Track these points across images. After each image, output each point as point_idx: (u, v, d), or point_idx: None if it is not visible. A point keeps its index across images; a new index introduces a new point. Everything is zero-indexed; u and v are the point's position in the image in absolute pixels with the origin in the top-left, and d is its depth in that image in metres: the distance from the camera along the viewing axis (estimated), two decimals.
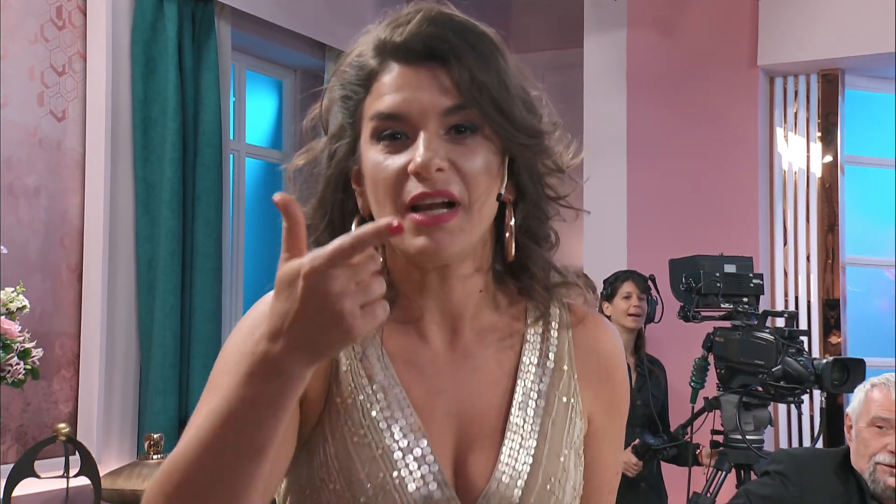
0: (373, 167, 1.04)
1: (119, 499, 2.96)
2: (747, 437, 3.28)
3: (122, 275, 3.52)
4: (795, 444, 4.42)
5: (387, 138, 1.03)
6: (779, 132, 4.65)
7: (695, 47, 4.66)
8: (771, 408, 3.44)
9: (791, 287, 4.56)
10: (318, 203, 1.10)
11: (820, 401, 3.29)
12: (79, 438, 3.17)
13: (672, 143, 4.66)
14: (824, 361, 3.08)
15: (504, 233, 1.09)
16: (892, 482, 2.50)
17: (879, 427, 2.55)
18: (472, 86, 1.02)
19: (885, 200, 4.62)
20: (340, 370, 1.06)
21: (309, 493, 1.06)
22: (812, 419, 4.39)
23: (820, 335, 4.50)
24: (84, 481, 2.88)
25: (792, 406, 3.46)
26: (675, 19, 4.70)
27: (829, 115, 4.55)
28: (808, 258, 4.56)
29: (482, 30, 1.06)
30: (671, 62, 4.69)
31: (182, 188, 3.62)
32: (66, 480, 2.83)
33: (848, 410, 2.67)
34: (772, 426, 3.46)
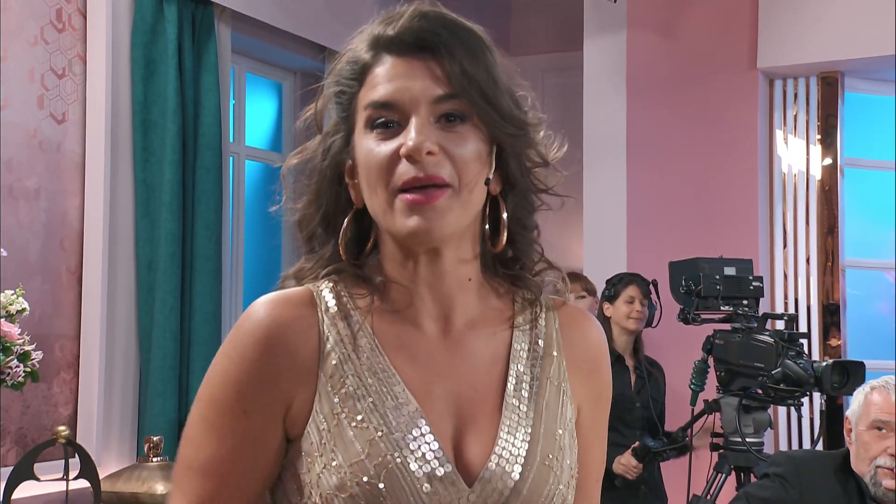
0: (365, 154, 1.08)
1: (119, 501, 2.95)
2: (747, 440, 3.28)
3: (122, 277, 3.51)
4: (795, 447, 4.42)
5: (379, 126, 1.07)
6: (778, 134, 4.64)
7: (695, 49, 4.66)
8: (771, 410, 3.44)
9: (791, 290, 4.56)
10: (314, 196, 1.14)
11: (820, 403, 3.29)
12: (78, 441, 3.17)
13: (672, 145, 4.66)
14: (824, 364, 3.08)
15: (493, 223, 1.12)
16: (893, 485, 2.50)
17: (879, 430, 2.55)
18: (462, 76, 1.06)
19: (885, 203, 4.62)
20: (330, 364, 1.08)
21: (307, 480, 1.07)
22: (812, 422, 4.39)
23: (820, 338, 4.50)
24: (84, 484, 2.87)
25: (792, 409, 3.46)
26: (675, 21, 4.70)
27: (829, 118, 4.55)
28: (808, 261, 4.55)
29: (471, 26, 1.11)
30: (671, 64, 4.69)
31: (182, 190, 3.61)
32: (66, 483, 2.83)
33: (847, 413, 2.67)
34: (771, 429, 3.46)
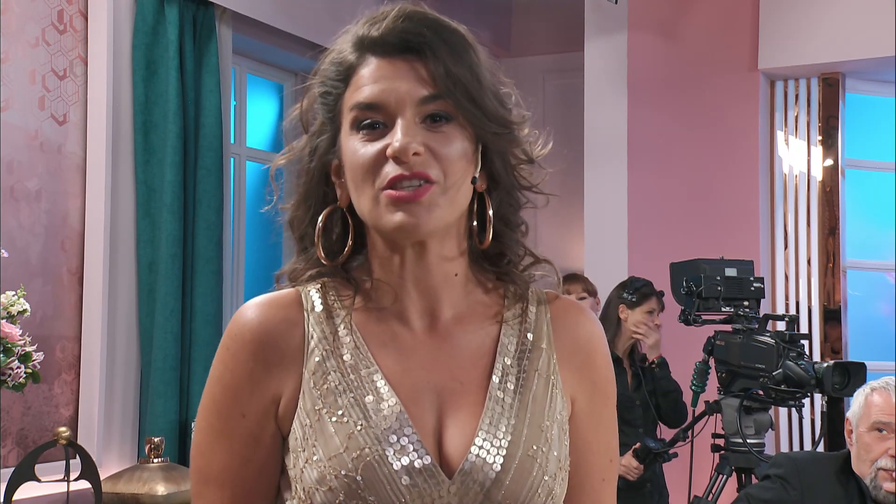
0: (352, 154, 1.10)
1: (119, 502, 2.95)
2: (748, 441, 3.28)
3: (123, 278, 3.51)
4: (796, 448, 4.42)
5: (366, 128, 1.09)
6: (779, 136, 4.65)
7: (695, 51, 4.66)
8: (772, 411, 3.44)
9: (792, 291, 4.56)
10: (302, 197, 1.16)
11: (821, 404, 3.29)
12: (79, 442, 3.17)
13: (673, 147, 4.66)
14: (825, 365, 3.08)
15: (478, 221, 1.14)
16: (893, 487, 2.50)
17: (880, 431, 2.55)
18: (447, 77, 1.07)
19: (886, 204, 4.62)
20: (313, 361, 1.11)
21: (293, 475, 1.10)
22: (813, 423, 4.39)
23: (820, 339, 4.50)
24: (85, 485, 2.88)
25: (793, 410, 3.46)
26: (676, 23, 4.70)
27: (830, 119, 4.55)
28: (809, 262, 4.55)
29: (455, 26, 1.12)
30: (672, 65, 4.69)
31: (183, 192, 3.61)
32: (67, 484, 2.83)
33: (848, 415, 2.67)
34: (772, 430, 3.46)
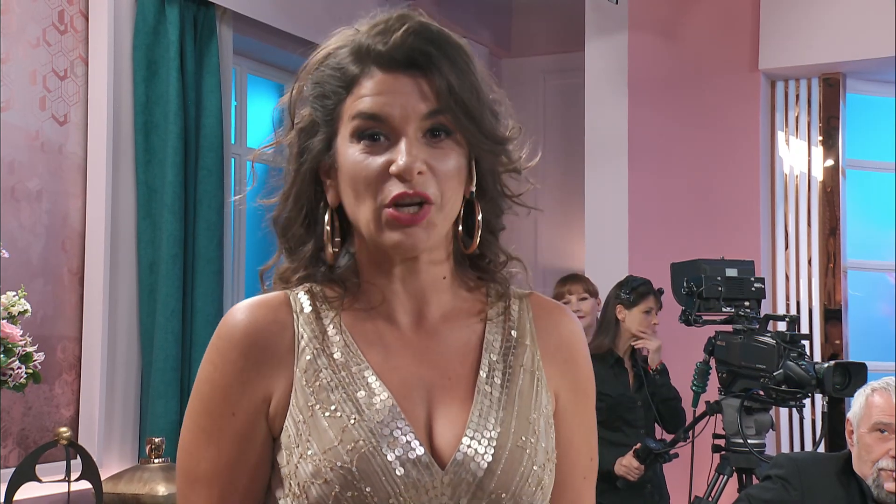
0: (352, 165, 1.12)
1: (120, 503, 2.95)
2: (749, 441, 3.28)
3: (124, 278, 3.51)
4: (797, 448, 4.42)
5: (367, 138, 1.12)
6: (780, 136, 4.64)
7: (696, 51, 4.66)
8: (772, 412, 3.44)
9: (792, 291, 4.56)
10: (295, 197, 1.18)
11: (821, 405, 3.29)
12: (80, 442, 3.17)
13: (673, 147, 4.66)
14: (825, 365, 3.08)
15: (464, 226, 1.18)
16: (894, 487, 2.50)
17: (881, 432, 2.55)
18: (450, 95, 1.11)
19: (887, 204, 4.62)
20: (304, 359, 1.14)
21: (287, 472, 1.12)
22: (813, 423, 4.39)
23: (821, 339, 4.50)
24: (85, 485, 2.88)
25: (793, 410, 3.46)
26: (677, 23, 4.70)
27: (831, 119, 4.55)
28: (810, 262, 4.55)
29: (457, 41, 1.15)
30: (673, 66, 4.69)
31: (184, 192, 3.61)
32: (68, 484, 2.83)
33: (849, 415, 2.66)
34: (773, 430, 3.46)
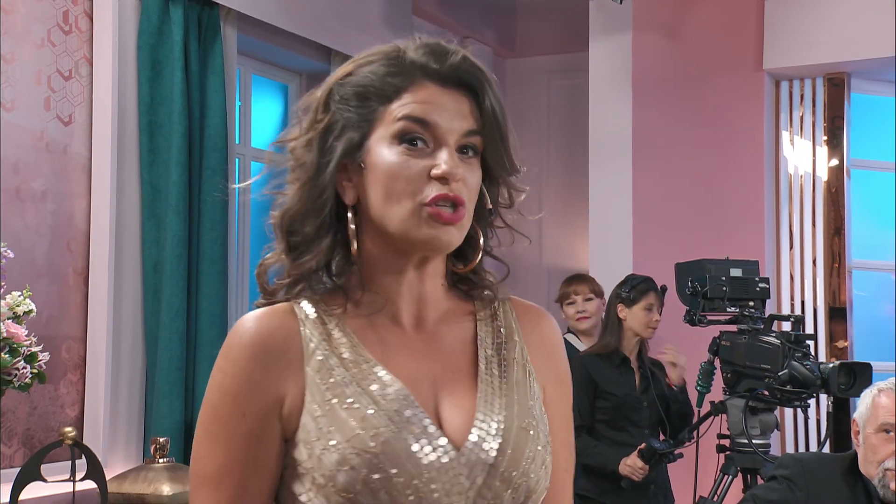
0: (392, 164, 1.18)
1: (125, 502, 2.96)
2: (753, 442, 3.27)
3: (129, 278, 3.52)
4: (802, 449, 4.41)
5: (407, 142, 1.18)
6: (785, 136, 4.64)
7: (700, 51, 4.66)
8: (777, 412, 3.44)
9: (797, 291, 4.56)
10: (310, 194, 1.21)
11: (826, 405, 3.28)
12: (85, 442, 3.17)
13: (678, 147, 4.66)
14: (830, 366, 3.08)
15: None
16: None
17: (887, 432, 2.54)
18: (491, 117, 1.21)
19: (891, 204, 4.62)
20: (315, 360, 1.19)
21: (308, 466, 1.16)
22: (818, 423, 4.38)
23: (826, 339, 4.50)
24: (90, 485, 2.88)
25: (798, 410, 3.46)
26: (681, 23, 4.70)
27: (835, 119, 4.55)
28: (815, 262, 4.55)
29: (491, 75, 1.25)
30: (677, 66, 4.69)
31: (188, 192, 3.61)
32: (73, 484, 2.84)
33: (855, 416, 2.66)
34: (778, 430, 3.46)
